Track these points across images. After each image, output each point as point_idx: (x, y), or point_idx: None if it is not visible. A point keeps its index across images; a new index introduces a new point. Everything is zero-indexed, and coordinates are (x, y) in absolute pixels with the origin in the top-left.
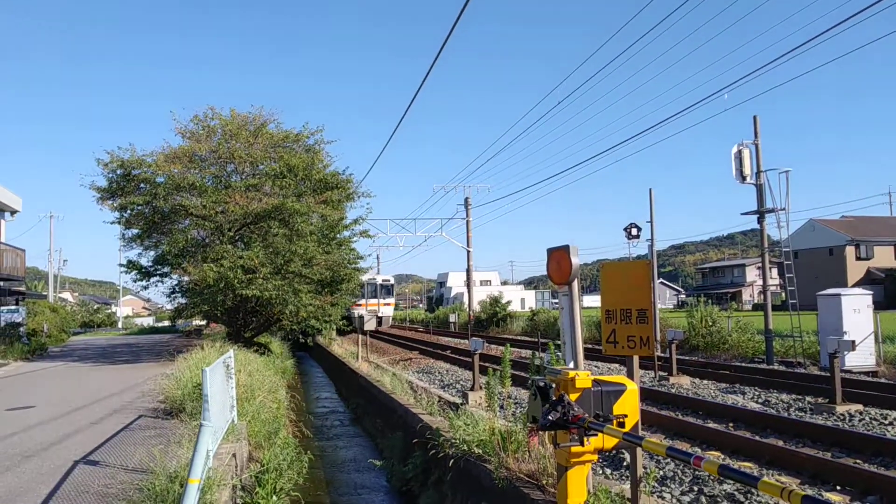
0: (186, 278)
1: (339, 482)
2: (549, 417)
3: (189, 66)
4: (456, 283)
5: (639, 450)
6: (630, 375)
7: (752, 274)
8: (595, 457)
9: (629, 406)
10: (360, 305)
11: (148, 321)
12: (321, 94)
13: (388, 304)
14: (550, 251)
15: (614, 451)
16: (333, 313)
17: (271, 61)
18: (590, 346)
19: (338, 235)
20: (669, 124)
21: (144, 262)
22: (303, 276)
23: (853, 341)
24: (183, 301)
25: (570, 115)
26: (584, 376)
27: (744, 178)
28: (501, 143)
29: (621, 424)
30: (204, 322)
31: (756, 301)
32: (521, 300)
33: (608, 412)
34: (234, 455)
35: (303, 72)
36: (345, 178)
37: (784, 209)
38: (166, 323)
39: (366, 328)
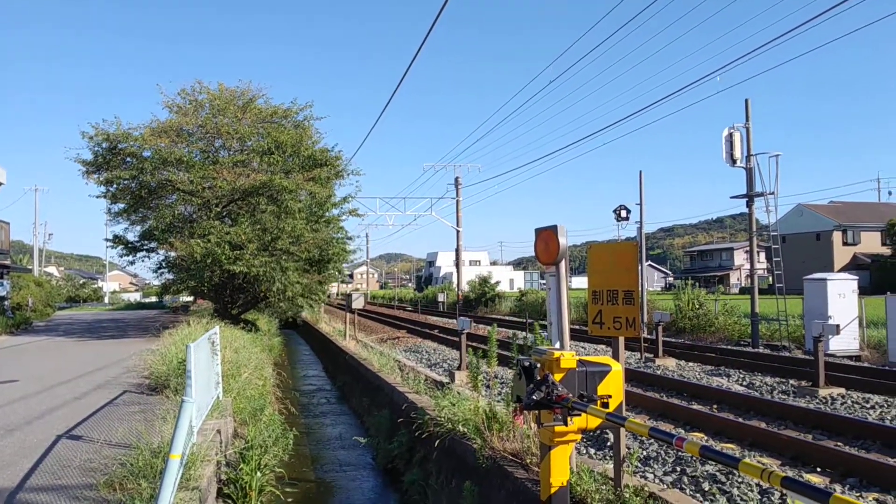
0: (173, 254)
1: (324, 459)
2: (534, 397)
3: (178, 39)
4: (445, 263)
5: (622, 430)
6: (615, 356)
7: (739, 257)
8: (578, 436)
9: (613, 387)
10: None
11: (135, 297)
12: (312, 68)
13: None
14: (538, 231)
15: (598, 432)
16: (321, 292)
17: (259, 31)
18: (577, 327)
19: (326, 213)
20: (661, 106)
21: (131, 236)
22: (290, 254)
23: (837, 325)
24: (170, 277)
25: (562, 95)
26: (568, 356)
27: (734, 162)
28: (493, 121)
29: (605, 405)
30: (191, 298)
31: (743, 284)
32: (509, 281)
33: (592, 392)
34: (218, 431)
35: (293, 41)
36: (334, 156)
37: (773, 193)
38: (153, 299)
39: (354, 306)
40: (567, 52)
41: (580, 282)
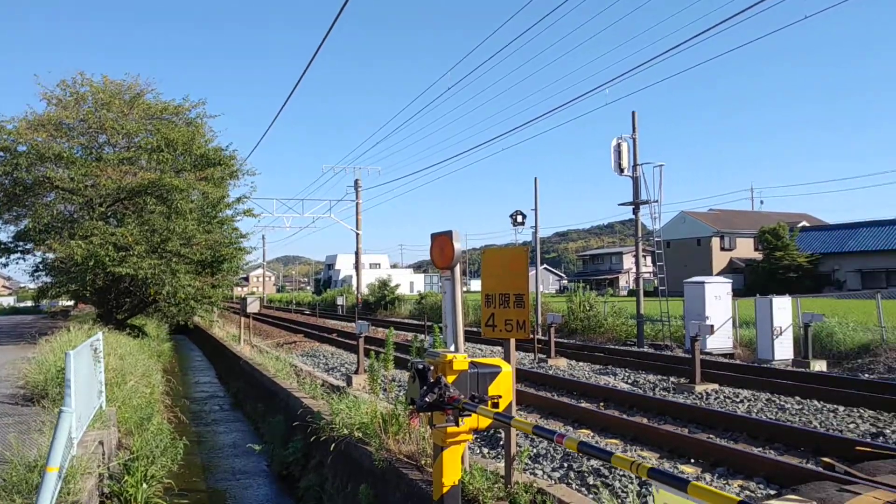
0: (52, 255)
1: (216, 468)
2: (426, 399)
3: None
4: (345, 266)
5: (513, 429)
6: (507, 358)
7: (628, 261)
8: (470, 436)
9: (504, 387)
10: None
11: (8, 301)
12: (206, 72)
13: None
14: (434, 236)
15: (491, 431)
16: (214, 295)
17: (147, 34)
18: (476, 329)
19: (220, 214)
20: (556, 115)
21: (4, 237)
22: (181, 256)
23: (712, 326)
24: (48, 280)
25: (461, 101)
26: (461, 359)
27: (622, 171)
28: (393, 124)
29: (496, 405)
30: (72, 302)
31: (632, 287)
32: (410, 283)
33: (483, 393)
34: (101, 442)
35: (186, 48)
36: (228, 155)
37: (657, 201)
38: (29, 303)
39: (249, 310)
40: (468, 58)
41: (478, 285)
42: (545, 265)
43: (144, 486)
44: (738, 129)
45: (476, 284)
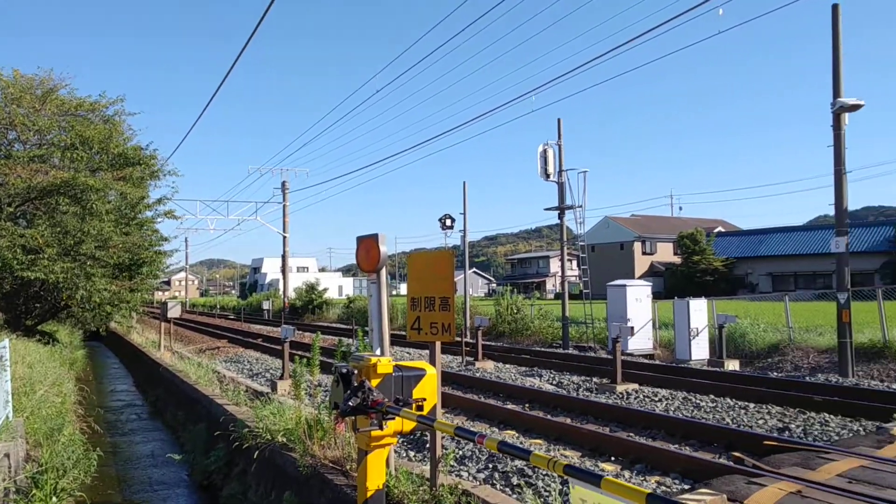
0: None
1: (133, 479)
2: (350, 403)
3: None
4: (271, 270)
5: (438, 432)
6: (432, 360)
7: (555, 265)
8: (395, 440)
9: (428, 390)
10: None
11: None
12: (131, 74)
13: None
14: (360, 239)
15: (417, 434)
16: (132, 299)
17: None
18: (404, 332)
19: (139, 215)
20: (485, 120)
21: None
22: (96, 259)
23: (632, 327)
24: None
25: (390, 105)
26: (385, 362)
27: (548, 176)
28: (320, 126)
29: (420, 408)
30: None
31: (558, 290)
32: (338, 287)
33: (408, 396)
34: (6, 455)
35: (114, 54)
36: (148, 154)
37: (581, 206)
38: None
39: (170, 315)
40: (397, 62)
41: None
42: (474, 269)
43: (54, 499)
44: (657, 133)
45: (405, 288)
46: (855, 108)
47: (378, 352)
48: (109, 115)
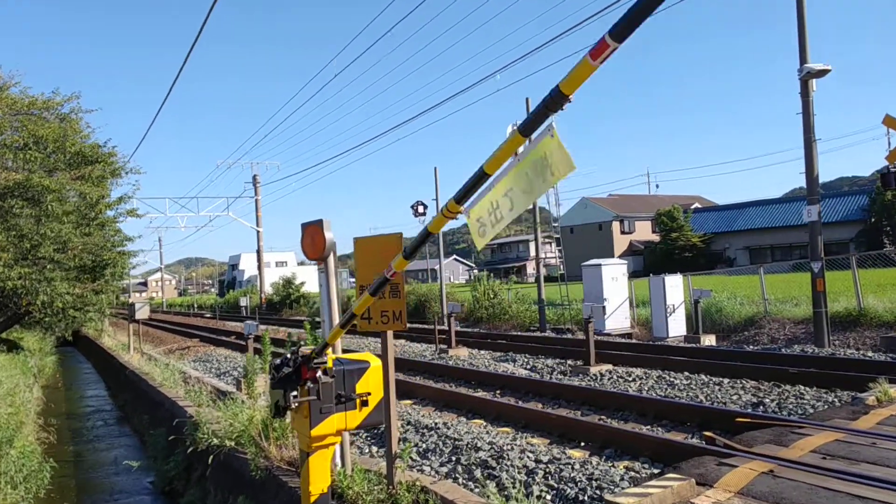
0: None
1: (94, 488)
2: (277, 374)
3: None
4: (249, 266)
5: (394, 427)
6: (384, 351)
7: (534, 249)
8: (338, 439)
9: (373, 383)
10: None
11: None
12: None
13: None
14: (305, 226)
15: (380, 430)
16: (98, 302)
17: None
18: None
19: (100, 215)
20: (455, 102)
21: None
22: (56, 262)
23: (603, 307)
24: None
25: (357, 91)
26: None
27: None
28: (285, 111)
29: (365, 403)
30: None
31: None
32: (318, 280)
33: (350, 391)
34: None
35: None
36: (107, 152)
37: (553, 187)
38: None
39: (138, 316)
40: (355, 42)
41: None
42: (454, 256)
43: None
44: (634, 111)
45: None
46: (822, 73)
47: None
48: (65, 113)
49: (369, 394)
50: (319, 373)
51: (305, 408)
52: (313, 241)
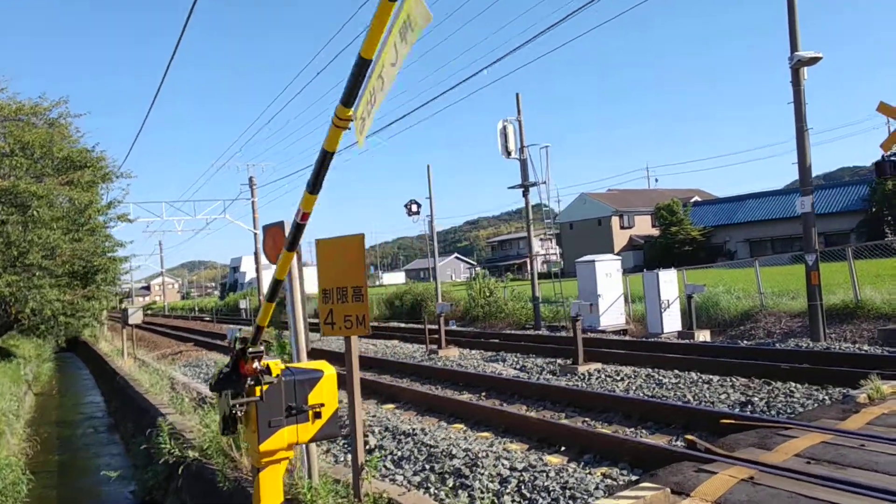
0: None
1: (76, 499)
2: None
3: None
4: (250, 268)
5: (359, 437)
6: (348, 357)
7: (535, 245)
8: (291, 453)
9: (327, 393)
10: None
11: None
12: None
13: None
14: (266, 228)
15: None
16: (91, 308)
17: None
18: (376, 323)
19: (90, 221)
20: (448, 98)
21: None
22: (45, 269)
23: (597, 304)
24: None
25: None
26: (273, 364)
27: (509, 154)
28: (276, 106)
29: (318, 415)
30: None
31: (540, 270)
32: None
33: (302, 402)
34: None
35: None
36: (96, 157)
37: (545, 182)
38: None
39: (130, 321)
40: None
41: (390, 278)
42: (456, 254)
43: None
44: (630, 114)
45: (388, 277)
46: (813, 61)
47: (295, 350)
48: (54, 118)
49: (323, 405)
50: (256, 363)
51: (254, 422)
52: (275, 242)
